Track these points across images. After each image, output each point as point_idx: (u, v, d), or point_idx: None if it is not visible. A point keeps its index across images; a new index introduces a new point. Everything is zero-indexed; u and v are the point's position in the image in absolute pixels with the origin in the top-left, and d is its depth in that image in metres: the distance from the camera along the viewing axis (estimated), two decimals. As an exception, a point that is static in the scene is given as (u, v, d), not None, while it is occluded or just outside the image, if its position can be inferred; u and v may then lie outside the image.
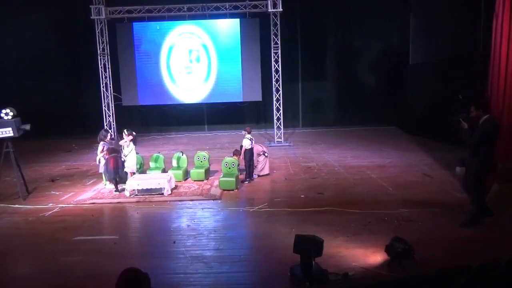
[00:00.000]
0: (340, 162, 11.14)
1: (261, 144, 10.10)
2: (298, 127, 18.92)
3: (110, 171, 8.74)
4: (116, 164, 8.87)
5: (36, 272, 5.17)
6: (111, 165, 8.75)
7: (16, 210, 7.74)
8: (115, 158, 8.86)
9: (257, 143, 10.03)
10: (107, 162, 8.78)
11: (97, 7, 13.95)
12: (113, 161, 8.78)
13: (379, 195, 7.89)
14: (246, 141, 9.41)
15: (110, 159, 8.76)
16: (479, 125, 5.77)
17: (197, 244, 5.85)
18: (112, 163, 8.76)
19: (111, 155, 8.75)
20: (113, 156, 8.81)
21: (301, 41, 18.26)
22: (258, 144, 9.99)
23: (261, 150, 9.82)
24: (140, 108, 17.80)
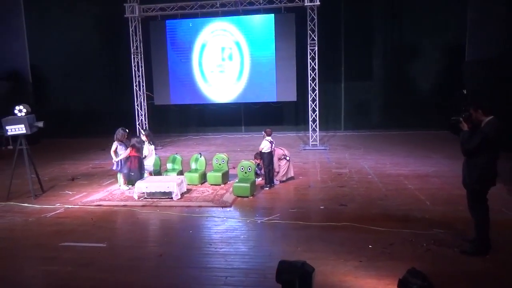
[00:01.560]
0: (376, 170, 9.96)
1: (282, 148, 9.20)
2: (340, 129, 17.72)
3: (135, 171, 8.34)
4: (140, 164, 8.48)
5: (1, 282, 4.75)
6: (135, 165, 8.36)
7: (22, 209, 7.54)
8: (139, 158, 8.48)
9: (278, 146, 9.15)
10: (130, 162, 8.39)
11: (131, 5, 13.84)
12: (137, 161, 8.40)
13: (412, 211, 6.72)
14: (265, 144, 8.60)
15: (134, 159, 8.36)
16: (480, 128, 4.62)
17: (184, 260, 5.15)
18: (136, 163, 8.37)
19: (135, 154, 8.35)
20: (138, 156, 8.42)
21: (344, 37, 17.07)
22: (279, 147, 9.12)
23: (282, 154, 8.95)
24: (178, 107, 17.60)
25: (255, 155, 9.25)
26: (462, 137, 4.83)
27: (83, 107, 18.43)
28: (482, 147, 4.65)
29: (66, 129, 18.03)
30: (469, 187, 4.95)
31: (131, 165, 8.41)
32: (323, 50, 16.37)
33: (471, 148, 4.71)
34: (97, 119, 18.10)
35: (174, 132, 18.71)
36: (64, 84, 18.42)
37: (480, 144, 4.65)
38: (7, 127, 8.04)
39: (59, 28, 17.84)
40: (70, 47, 17.74)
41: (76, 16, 17.70)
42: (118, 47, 16.33)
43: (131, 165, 8.41)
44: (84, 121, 18.14)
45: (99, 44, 17.83)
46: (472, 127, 4.73)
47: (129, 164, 8.41)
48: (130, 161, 8.41)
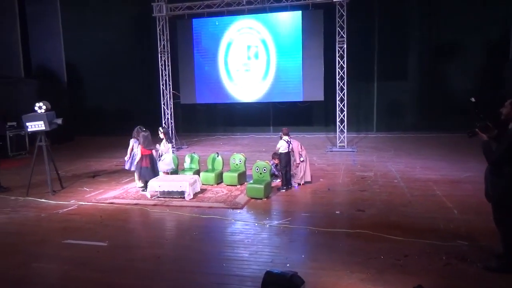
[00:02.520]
0: (404, 174, 9.34)
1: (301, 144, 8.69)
2: (372, 131, 17.02)
3: (147, 169, 8.25)
4: (152, 162, 8.40)
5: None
6: (147, 163, 8.28)
7: (38, 205, 7.63)
8: (151, 156, 8.39)
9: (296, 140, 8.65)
10: (142, 160, 8.31)
11: (158, 4, 13.90)
12: (149, 160, 8.32)
13: (436, 219, 6.15)
14: (281, 144, 8.23)
15: (146, 157, 8.28)
16: (506, 134, 4.08)
17: (180, 263, 4.92)
18: (148, 161, 8.29)
19: (148, 153, 8.27)
20: (150, 154, 8.34)
21: (378, 34, 16.35)
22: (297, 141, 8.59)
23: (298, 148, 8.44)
24: (206, 107, 17.59)
25: (272, 154, 8.94)
26: (484, 148, 4.32)
27: (115, 106, 18.81)
28: (507, 155, 4.11)
29: (99, 127, 18.49)
30: (493, 199, 4.41)
31: (143, 163, 8.30)
32: (355, 47, 15.76)
33: (496, 158, 4.18)
34: (128, 117, 18.37)
35: (202, 131, 18.72)
36: (97, 83, 18.90)
37: (508, 151, 4.11)
38: (27, 124, 8.18)
39: (93, 28, 18.34)
40: (104, 46, 18.20)
41: (110, 17, 18.13)
42: (148, 47, 16.50)
43: (143, 163, 8.31)
44: (115, 120, 18.47)
45: (131, 43, 18.15)
46: (497, 135, 4.21)
47: (141, 163, 8.32)
48: (142, 159, 8.32)
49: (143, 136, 8.29)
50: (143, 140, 8.24)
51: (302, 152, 8.46)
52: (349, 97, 16.29)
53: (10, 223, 6.62)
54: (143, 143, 8.22)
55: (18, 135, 13.87)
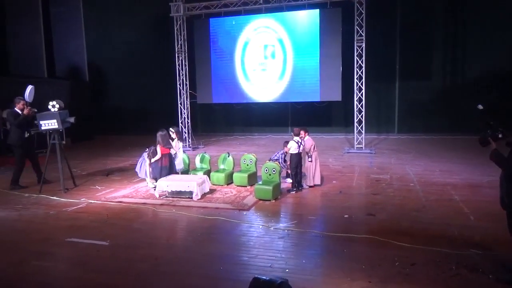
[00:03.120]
0: (422, 177, 8.97)
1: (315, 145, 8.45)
2: (393, 132, 16.54)
3: (167, 168, 8.24)
4: (171, 161, 8.39)
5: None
6: (166, 163, 8.27)
7: (48, 202, 7.72)
8: (170, 155, 8.38)
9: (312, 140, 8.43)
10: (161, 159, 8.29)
11: (176, 4, 13.94)
12: (168, 159, 8.32)
13: (449, 226, 5.82)
14: (292, 144, 8.01)
15: (165, 157, 8.27)
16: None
17: (177, 265, 4.82)
18: (166, 160, 8.29)
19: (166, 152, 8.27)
20: (168, 154, 8.33)
21: (400, 32, 15.87)
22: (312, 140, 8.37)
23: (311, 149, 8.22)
24: (225, 107, 17.54)
25: (284, 142, 8.56)
26: (496, 157, 4.04)
27: (135, 105, 19.04)
28: None
29: (119, 126, 18.74)
30: (508, 207, 4.10)
31: (163, 162, 8.29)
32: (376, 46, 15.37)
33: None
34: (147, 117, 18.60)
35: (221, 131, 18.70)
36: (118, 82, 19.20)
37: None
38: (41, 122, 8.30)
39: (114, 28, 18.63)
40: (124, 46, 18.45)
41: (130, 17, 18.35)
42: (166, 47, 16.58)
43: (162, 162, 8.29)
44: (135, 119, 18.71)
45: (150, 43, 18.30)
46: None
47: (160, 162, 8.29)
48: (162, 159, 8.29)
49: (161, 135, 8.28)
50: (161, 139, 8.23)
51: (313, 153, 8.23)
52: (369, 97, 15.94)
53: (19, 220, 6.71)
54: (162, 142, 8.21)
55: (39, 133, 14.16)
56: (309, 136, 8.44)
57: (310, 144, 8.25)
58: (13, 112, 8.82)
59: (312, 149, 8.22)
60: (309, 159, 8.15)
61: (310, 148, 8.19)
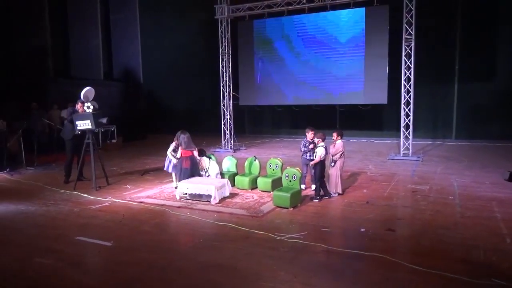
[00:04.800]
0: (466, 189, 8.08)
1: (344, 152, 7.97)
2: (450, 138, 15.31)
3: (188, 170, 8.31)
4: (192, 163, 8.44)
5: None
6: (187, 165, 8.34)
7: (77, 199, 8.05)
8: (192, 157, 8.44)
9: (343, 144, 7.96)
10: (183, 161, 8.39)
11: (221, 6, 14.03)
12: (189, 161, 8.37)
13: (478, 248, 5.10)
14: (320, 151, 7.60)
15: (186, 159, 8.34)
16: None
17: (167, 273, 4.71)
18: (188, 163, 8.35)
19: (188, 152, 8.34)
20: (191, 156, 8.39)
21: (461, 30, 14.60)
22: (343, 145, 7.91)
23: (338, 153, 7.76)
24: (272, 109, 17.40)
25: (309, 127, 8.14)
26: None
27: (185, 106, 19.58)
28: None
29: (171, 126, 19.29)
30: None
31: (184, 164, 8.34)
32: (433, 45, 14.37)
33: None
34: (197, 117, 19.03)
35: (268, 133, 18.60)
36: (170, 84, 19.88)
37: None
38: (76, 122, 8.71)
39: (167, 32, 19.35)
40: (176, 49, 19.13)
41: (182, 21, 18.96)
42: (213, 49, 16.79)
43: (183, 164, 8.35)
44: (186, 119, 19.20)
45: (199, 46, 18.75)
46: None
47: (182, 164, 8.36)
48: (183, 161, 8.35)
49: (182, 138, 8.34)
50: (182, 142, 8.31)
51: (339, 160, 7.74)
52: (425, 100, 14.94)
53: (43, 215, 7.05)
54: (183, 144, 8.28)
55: (93, 132, 15.03)
56: (341, 140, 7.97)
57: (340, 150, 7.78)
58: (72, 110, 9.37)
59: (339, 155, 7.74)
60: (332, 164, 7.67)
61: (337, 153, 7.72)
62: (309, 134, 8.15)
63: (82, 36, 16.96)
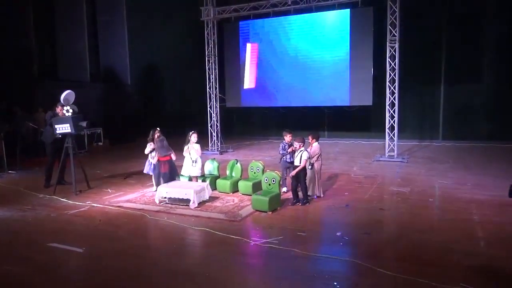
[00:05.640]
0: (447, 191, 8.08)
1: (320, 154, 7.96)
2: (437, 139, 15.33)
3: (167, 174, 8.24)
4: (171, 168, 8.38)
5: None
6: (166, 169, 8.27)
7: (56, 204, 7.94)
8: (170, 161, 8.37)
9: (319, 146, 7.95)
10: (160, 165, 8.33)
11: (206, 8, 13.96)
12: (168, 165, 8.31)
13: (451, 251, 5.08)
14: (306, 155, 7.36)
15: (165, 163, 8.27)
16: None
17: (134, 280, 4.64)
18: (166, 167, 8.29)
19: (165, 157, 8.25)
20: (169, 160, 8.32)
21: (447, 31, 14.63)
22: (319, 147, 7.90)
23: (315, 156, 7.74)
24: (260, 110, 17.34)
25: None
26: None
27: (173, 108, 19.50)
28: None
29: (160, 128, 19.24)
30: None
31: (162, 169, 8.28)
32: (419, 46, 14.39)
33: None
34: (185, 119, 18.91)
35: (257, 135, 18.53)
36: (158, 86, 19.79)
37: None
38: (56, 126, 8.61)
39: (155, 34, 19.17)
40: (163, 51, 19.01)
41: (169, 23, 18.85)
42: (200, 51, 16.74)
43: (161, 169, 8.29)
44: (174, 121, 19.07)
45: (186, 48, 18.68)
46: None
47: (160, 168, 8.30)
48: (161, 165, 8.29)
49: (157, 144, 8.29)
50: (157, 147, 8.24)
51: (316, 162, 7.71)
52: (412, 101, 15.00)
53: (19, 220, 6.94)
54: (157, 151, 8.21)
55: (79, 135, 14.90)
56: (317, 142, 7.94)
57: (317, 152, 7.74)
58: (52, 113, 9.29)
59: (316, 158, 7.70)
60: (309, 167, 7.60)
61: (315, 156, 7.68)
62: (287, 137, 8.10)
63: (68, 38, 16.78)
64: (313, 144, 7.86)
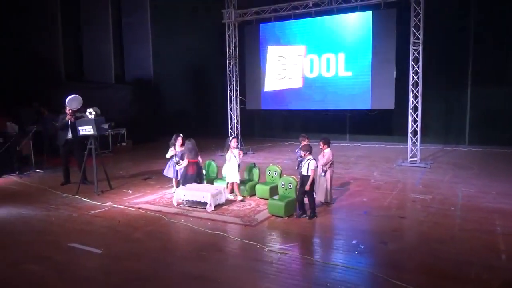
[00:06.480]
0: (470, 200, 7.85)
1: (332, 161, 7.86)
2: (463, 144, 14.92)
3: (192, 176, 8.36)
4: (198, 170, 8.51)
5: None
6: (193, 171, 8.39)
7: (78, 204, 8.16)
8: (197, 164, 8.49)
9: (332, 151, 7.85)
10: (188, 167, 8.44)
11: (228, 10, 14.05)
12: (195, 167, 8.44)
13: (471, 265, 4.93)
14: (313, 163, 7.04)
15: (192, 165, 8.39)
16: None
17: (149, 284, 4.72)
18: (193, 169, 8.41)
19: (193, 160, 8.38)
20: (196, 162, 8.46)
21: (474, 32, 14.22)
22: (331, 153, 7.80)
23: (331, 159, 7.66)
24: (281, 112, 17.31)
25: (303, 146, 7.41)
26: None
27: (195, 109, 19.70)
28: None
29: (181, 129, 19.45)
30: None
31: (189, 170, 8.39)
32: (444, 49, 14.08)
33: None
34: (207, 120, 19.13)
35: (278, 137, 18.50)
36: (180, 87, 20.04)
37: None
38: (79, 127, 8.86)
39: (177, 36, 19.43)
40: (186, 53, 19.21)
41: (192, 25, 19.06)
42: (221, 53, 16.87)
43: (189, 170, 8.39)
44: (196, 122, 19.34)
45: (208, 50, 18.83)
46: None
47: (187, 169, 8.40)
48: (188, 166, 8.39)
49: (188, 148, 8.40)
50: (188, 152, 8.35)
51: (329, 170, 7.62)
52: (437, 105, 14.70)
53: (43, 220, 7.17)
54: (188, 155, 8.32)
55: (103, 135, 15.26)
56: (329, 148, 7.85)
57: (331, 159, 7.67)
58: (63, 116, 9.63)
59: (329, 165, 7.63)
60: (322, 174, 7.53)
61: (328, 162, 7.61)
62: (304, 142, 8.05)
63: (94, 40, 17.23)
64: (325, 150, 7.76)
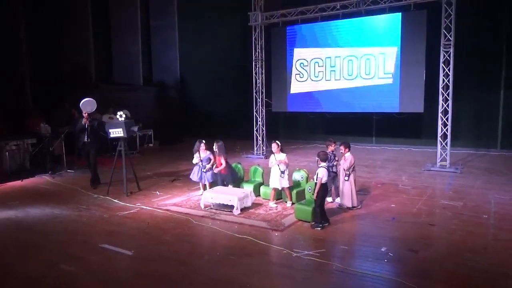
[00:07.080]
0: (504, 208, 7.60)
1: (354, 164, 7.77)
2: (495, 148, 14.45)
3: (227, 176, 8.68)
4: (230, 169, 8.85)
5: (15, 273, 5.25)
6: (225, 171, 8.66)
7: (109, 205, 8.37)
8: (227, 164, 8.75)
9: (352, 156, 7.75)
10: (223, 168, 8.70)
11: (254, 13, 14.09)
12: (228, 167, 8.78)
13: (507, 276, 4.79)
14: (322, 172, 6.69)
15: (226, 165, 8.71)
16: None
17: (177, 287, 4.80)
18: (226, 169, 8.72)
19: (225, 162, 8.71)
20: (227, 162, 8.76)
21: (507, 34, 13.76)
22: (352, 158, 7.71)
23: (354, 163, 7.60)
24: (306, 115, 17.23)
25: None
26: None
27: (222, 111, 19.85)
28: None
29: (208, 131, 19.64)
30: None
31: (223, 170, 8.64)
32: (476, 50, 13.69)
33: None
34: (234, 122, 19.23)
35: (303, 139, 18.40)
36: (207, 89, 20.21)
37: None
38: (109, 130, 9.09)
39: (204, 38, 19.66)
40: (213, 56, 19.37)
41: (219, 28, 19.22)
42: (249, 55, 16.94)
43: (222, 170, 8.64)
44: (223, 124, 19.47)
45: (235, 53, 18.91)
46: None
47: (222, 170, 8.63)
48: None
49: (219, 147, 8.62)
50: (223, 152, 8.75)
51: (352, 173, 7.55)
52: (468, 108, 14.32)
53: (75, 220, 7.40)
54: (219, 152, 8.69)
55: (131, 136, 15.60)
56: (350, 152, 7.76)
57: (352, 163, 7.59)
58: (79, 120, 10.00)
59: (351, 169, 7.56)
60: (346, 178, 7.47)
61: (351, 166, 7.54)
62: (331, 146, 8.01)
63: (123, 42, 17.63)
64: (345, 154, 7.68)
